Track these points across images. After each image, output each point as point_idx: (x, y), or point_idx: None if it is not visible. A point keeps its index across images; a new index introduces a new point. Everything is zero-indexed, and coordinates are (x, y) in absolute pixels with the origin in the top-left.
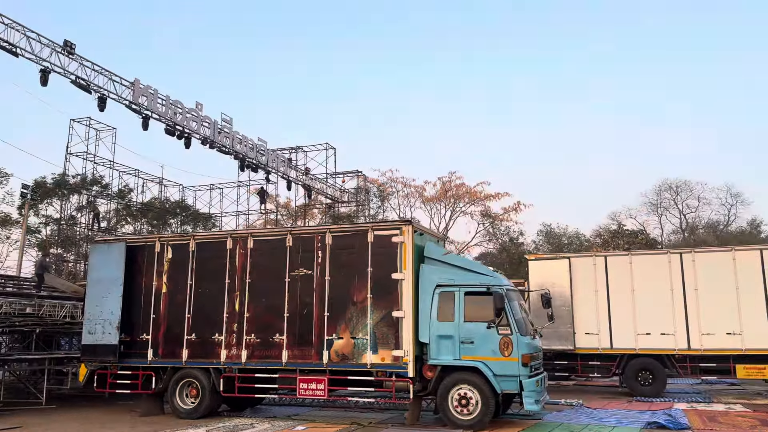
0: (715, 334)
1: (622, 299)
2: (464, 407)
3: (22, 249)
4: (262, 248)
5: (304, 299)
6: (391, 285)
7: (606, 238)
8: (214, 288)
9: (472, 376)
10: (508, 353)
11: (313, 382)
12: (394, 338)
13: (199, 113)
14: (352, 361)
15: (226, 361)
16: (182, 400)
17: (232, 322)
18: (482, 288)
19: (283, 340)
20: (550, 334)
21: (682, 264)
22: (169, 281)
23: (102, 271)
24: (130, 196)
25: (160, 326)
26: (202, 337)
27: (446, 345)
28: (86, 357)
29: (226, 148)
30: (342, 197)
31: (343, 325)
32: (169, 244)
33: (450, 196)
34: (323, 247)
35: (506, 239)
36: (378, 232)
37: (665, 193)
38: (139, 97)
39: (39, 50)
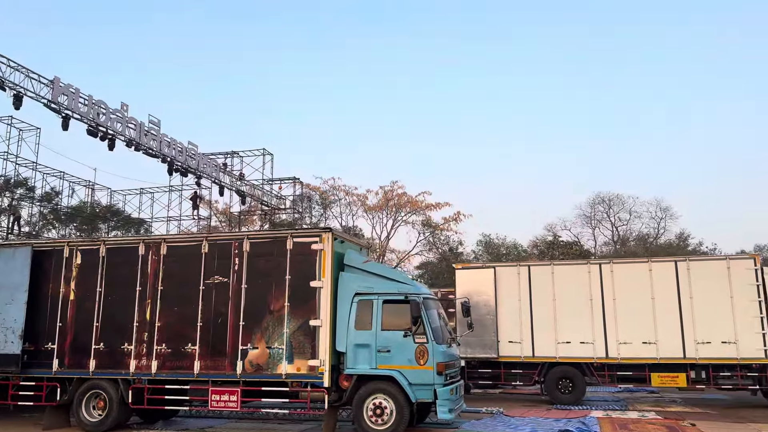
0: (632, 343)
1: (544, 308)
2: (379, 417)
3: None
4: (176, 255)
5: (219, 308)
6: (309, 293)
7: (542, 249)
8: (124, 295)
9: (388, 385)
10: (423, 362)
11: (226, 394)
12: (311, 348)
13: (125, 114)
14: (267, 372)
15: (136, 371)
16: (88, 413)
17: (143, 331)
18: (400, 296)
19: (195, 350)
20: (474, 343)
21: (601, 274)
22: (77, 288)
23: (5, 277)
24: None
25: (67, 335)
26: (111, 347)
27: (363, 354)
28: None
29: (153, 150)
30: (279, 204)
31: (258, 334)
32: (78, 249)
33: (392, 205)
34: (240, 254)
35: (446, 249)
36: (297, 239)
37: (599, 206)
38: (59, 96)
39: None
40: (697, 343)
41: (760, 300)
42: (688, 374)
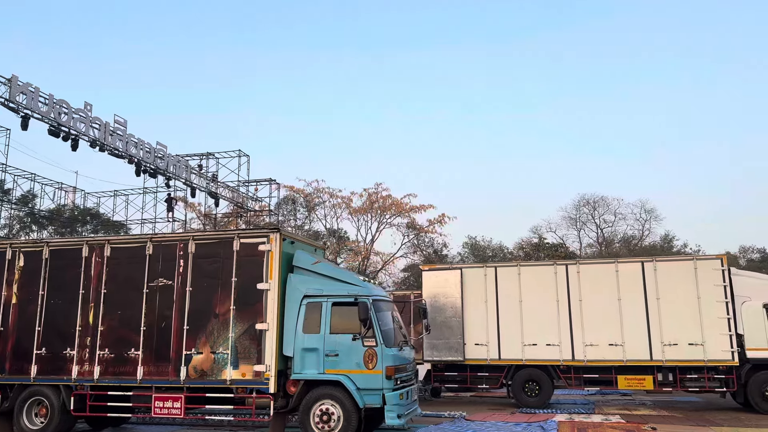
0: (599, 346)
1: (511, 310)
2: (326, 423)
3: None
4: (121, 256)
5: (163, 312)
6: (256, 296)
7: (528, 251)
8: (67, 299)
9: (336, 390)
10: (372, 366)
11: (170, 400)
12: (257, 352)
13: (88, 114)
14: (211, 378)
15: (78, 377)
16: (30, 420)
17: (86, 336)
18: (349, 298)
19: (138, 355)
20: (441, 346)
21: (567, 275)
22: (19, 291)
23: None
24: (33, 202)
25: (8, 340)
26: (53, 352)
27: (311, 358)
28: None
29: (118, 151)
30: (255, 206)
31: (203, 338)
32: (21, 251)
33: (376, 207)
34: (186, 255)
35: (431, 251)
36: (244, 240)
37: (583, 208)
38: (17, 95)
39: None
40: (663, 345)
41: (727, 301)
42: (655, 377)
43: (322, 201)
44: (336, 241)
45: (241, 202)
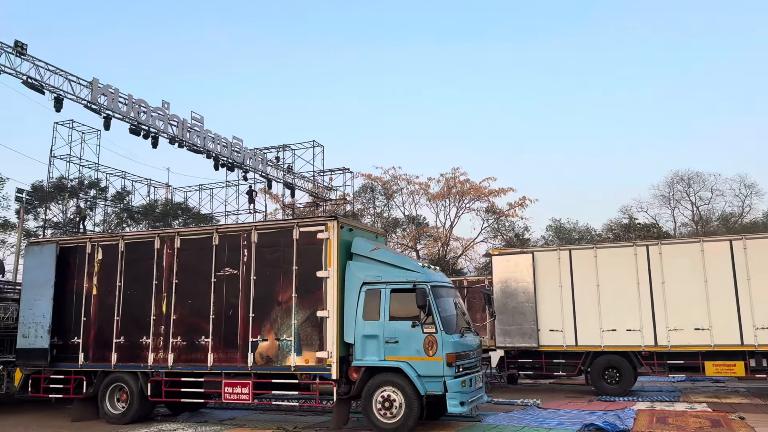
0: (684, 330)
1: (587, 294)
2: (388, 410)
3: (18, 253)
4: (189, 248)
5: (230, 300)
6: (316, 283)
7: (618, 232)
8: (142, 290)
9: (397, 377)
10: (432, 353)
11: (238, 386)
12: (319, 339)
13: (166, 112)
14: (277, 364)
15: (154, 364)
16: (112, 405)
17: (160, 324)
18: (408, 285)
19: (208, 342)
20: (513, 332)
21: (648, 257)
22: (99, 283)
23: (35, 274)
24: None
25: (91, 329)
26: (131, 341)
27: (371, 345)
28: (21, 361)
29: (196, 146)
30: (329, 195)
31: (268, 326)
32: (99, 245)
33: (455, 192)
34: (249, 245)
35: (512, 235)
36: (303, 229)
37: (677, 185)
38: (99, 97)
39: None
40: (756, 328)
41: None
42: (746, 362)
43: (399, 188)
44: (415, 227)
45: (317, 192)
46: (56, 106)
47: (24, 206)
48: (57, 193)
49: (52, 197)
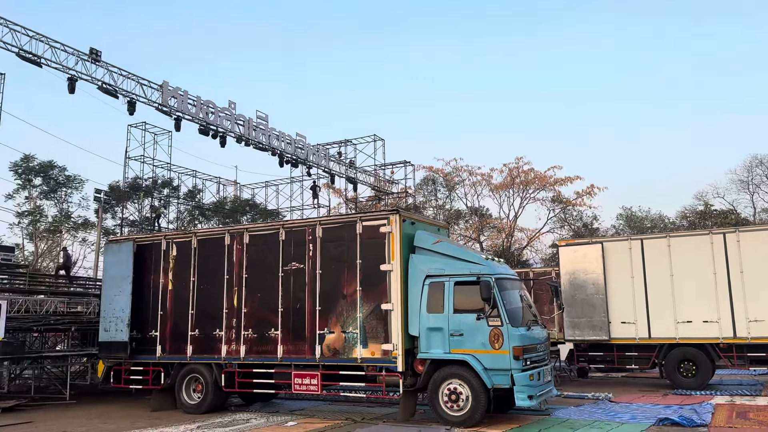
0: (765, 321)
1: (661, 285)
2: (454, 403)
3: (98, 250)
4: (257, 243)
5: (297, 293)
6: (380, 277)
7: (692, 220)
8: (214, 284)
9: (463, 370)
10: (498, 346)
11: (307, 377)
12: (384, 332)
13: (233, 112)
14: (344, 356)
15: (227, 356)
16: (188, 396)
17: (231, 317)
18: (472, 277)
19: (278, 335)
20: (583, 324)
21: (725, 245)
22: (174, 278)
23: (114, 270)
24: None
25: (167, 323)
26: (205, 333)
27: (436, 338)
28: (103, 354)
29: (262, 144)
30: (391, 188)
31: (334, 319)
32: (173, 242)
33: (518, 182)
34: (314, 239)
35: (579, 225)
36: (366, 223)
37: (756, 168)
38: (169, 99)
39: (65, 59)
40: None
41: None
42: None
43: (461, 179)
44: (477, 219)
45: (379, 185)
46: (129, 109)
47: (102, 206)
48: (132, 192)
49: (128, 197)
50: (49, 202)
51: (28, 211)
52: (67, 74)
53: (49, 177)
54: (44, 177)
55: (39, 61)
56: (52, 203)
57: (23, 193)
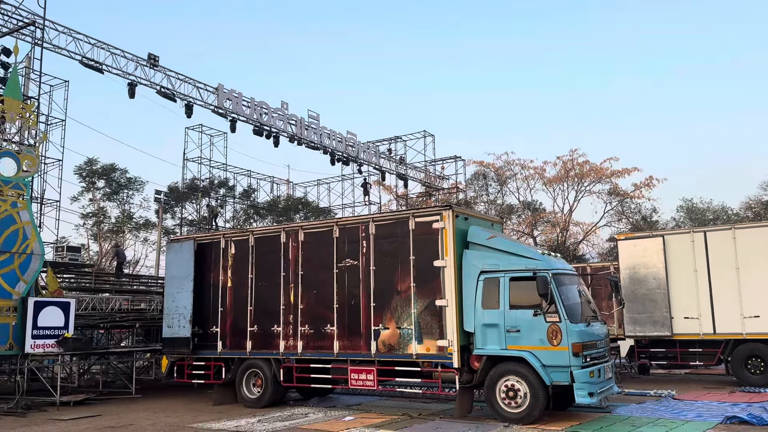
0: None
1: (726, 279)
2: (512, 399)
3: (159, 250)
4: (312, 240)
5: (351, 290)
6: (433, 273)
7: (758, 211)
8: (271, 281)
9: (520, 366)
10: (556, 342)
11: (363, 373)
12: (438, 328)
13: (285, 112)
14: (399, 352)
15: (285, 351)
16: (249, 390)
17: (288, 313)
18: (528, 273)
19: (333, 330)
20: (644, 320)
21: None
22: (233, 275)
23: (176, 269)
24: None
25: (227, 319)
26: (263, 329)
27: (492, 334)
28: (166, 349)
29: (314, 143)
30: (442, 184)
31: (388, 315)
32: (231, 240)
33: (573, 175)
34: (367, 236)
35: (638, 218)
36: (419, 219)
37: None
38: (224, 102)
39: (124, 65)
40: None
41: None
42: None
43: (513, 174)
44: (531, 213)
45: (430, 181)
46: (187, 112)
47: (162, 206)
48: (191, 193)
49: (187, 197)
50: (112, 204)
51: (93, 213)
52: (127, 79)
53: (111, 179)
54: (107, 179)
55: (101, 67)
56: (115, 205)
57: (87, 195)
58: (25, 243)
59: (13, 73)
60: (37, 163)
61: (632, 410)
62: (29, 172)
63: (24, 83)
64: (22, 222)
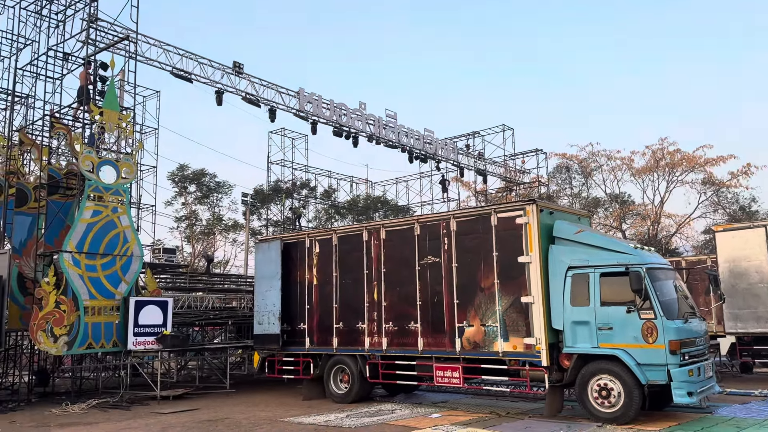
0: None
1: None
2: (605, 399)
3: (247, 250)
4: (393, 238)
5: (434, 287)
6: (518, 269)
7: None
8: (355, 279)
9: (613, 365)
10: (652, 340)
11: (449, 370)
12: (525, 325)
13: (363, 112)
14: (484, 349)
15: (370, 348)
16: (336, 386)
17: (372, 311)
18: (620, 268)
19: (417, 327)
20: (746, 316)
21: None
22: (318, 274)
23: (265, 268)
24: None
25: (314, 316)
26: (349, 326)
27: (582, 332)
28: (258, 345)
29: (392, 142)
30: (522, 178)
31: (472, 312)
32: (316, 240)
33: (663, 164)
34: (448, 233)
35: (735, 208)
36: (501, 214)
37: None
38: (305, 105)
39: (211, 74)
40: None
41: None
42: None
43: (598, 165)
44: (619, 206)
45: (510, 176)
46: (271, 117)
47: (249, 208)
48: (275, 194)
49: (271, 199)
50: (202, 207)
51: (185, 216)
52: (214, 87)
53: (201, 184)
54: (198, 184)
55: (190, 77)
56: (205, 208)
57: (180, 199)
58: (125, 246)
59: (110, 86)
60: (135, 170)
61: (735, 411)
62: (127, 179)
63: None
64: (122, 226)
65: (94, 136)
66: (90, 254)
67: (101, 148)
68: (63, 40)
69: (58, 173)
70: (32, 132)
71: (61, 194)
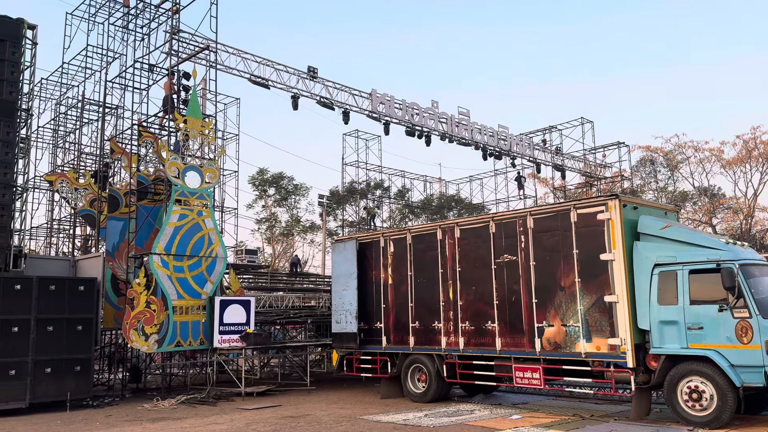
0: None
1: None
2: (696, 402)
3: (324, 250)
4: (468, 237)
5: (511, 286)
6: (600, 267)
7: None
8: (429, 277)
9: (704, 366)
10: (747, 340)
11: (529, 371)
12: (609, 325)
13: (435, 111)
14: (565, 350)
15: (447, 348)
16: (414, 384)
17: (448, 310)
18: (710, 264)
19: (495, 327)
20: None
21: None
22: (393, 273)
23: (341, 267)
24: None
25: (390, 315)
26: (425, 325)
27: (670, 332)
28: (336, 344)
29: (465, 140)
30: (604, 173)
31: (552, 311)
32: (390, 239)
33: (757, 155)
34: (525, 231)
35: None
36: (581, 211)
37: None
38: (378, 106)
39: (287, 79)
40: None
41: None
42: None
43: (685, 157)
44: (708, 200)
45: (590, 171)
46: (344, 119)
47: (325, 209)
48: (350, 195)
49: (346, 200)
50: (281, 209)
51: (265, 218)
52: (290, 92)
53: (280, 187)
54: (276, 187)
55: (267, 83)
56: (284, 210)
57: (260, 202)
58: (210, 248)
59: (193, 95)
60: (217, 175)
61: None
62: (211, 184)
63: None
64: (207, 229)
65: (179, 143)
66: (177, 256)
67: (186, 155)
68: (148, 52)
69: (146, 179)
70: (122, 141)
71: (149, 199)
